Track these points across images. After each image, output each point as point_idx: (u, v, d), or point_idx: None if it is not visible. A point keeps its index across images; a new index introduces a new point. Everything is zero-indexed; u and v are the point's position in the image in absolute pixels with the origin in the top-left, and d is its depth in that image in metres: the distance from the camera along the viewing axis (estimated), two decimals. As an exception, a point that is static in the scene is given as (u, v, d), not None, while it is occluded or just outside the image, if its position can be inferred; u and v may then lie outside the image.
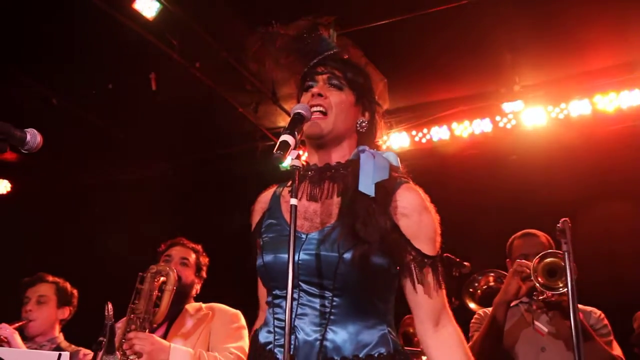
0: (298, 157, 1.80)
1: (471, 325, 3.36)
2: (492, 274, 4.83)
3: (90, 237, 6.68)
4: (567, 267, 2.64)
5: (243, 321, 3.38)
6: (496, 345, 3.09)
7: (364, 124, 2.06)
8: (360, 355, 1.83)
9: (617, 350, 3.12)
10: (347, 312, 1.87)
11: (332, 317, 1.86)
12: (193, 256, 3.48)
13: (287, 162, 1.84)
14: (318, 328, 1.86)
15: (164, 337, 3.23)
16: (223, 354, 3.17)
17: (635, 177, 5.18)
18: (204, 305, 3.43)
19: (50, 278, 4.06)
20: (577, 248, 3.00)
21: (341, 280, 1.84)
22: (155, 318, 3.17)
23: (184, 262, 3.43)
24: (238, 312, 3.43)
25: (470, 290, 4.83)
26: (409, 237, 1.90)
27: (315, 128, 1.96)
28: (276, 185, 2.17)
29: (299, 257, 1.87)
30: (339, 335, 1.85)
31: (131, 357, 2.99)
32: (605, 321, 3.21)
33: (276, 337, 1.90)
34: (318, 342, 1.84)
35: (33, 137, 1.90)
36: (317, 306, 1.87)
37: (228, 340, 3.26)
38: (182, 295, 3.34)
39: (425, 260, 1.90)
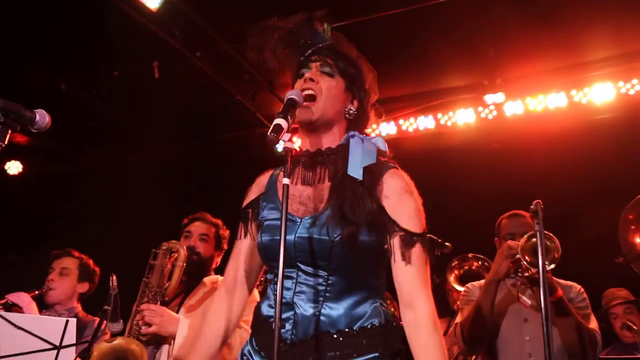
0: (290, 139, 1.81)
1: (460, 298, 3.44)
2: (475, 261, 4.87)
3: (96, 215, 6.66)
4: (539, 244, 2.66)
5: (256, 295, 3.34)
6: (487, 318, 3.13)
7: (351, 111, 2.06)
8: (354, 327, 1.87)
9: (593, 324, 3.16)
10: (342, 289, 1.89)
11: (327, 294, 1.89)
12: (213, 230, 3.47)
13: (281, 146, 1.88)
14: (315, 304, 1.89)
15: (179, 307, 3.24)
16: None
17: (603, 163, 5.24)
18: (220, 277, 3.40)
19: (77, 254, 4.14)
20: (556, 229, 3.08)
21: (335, 261, 1.86)
22: (167, 292, 3.20)
23: (203, 237, 3.42)
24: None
25: (452, 270, 4.87)
26: (393, 217, 1.91)
27: (306, 114, 1.97)
28: (273, 169, 2.18)
29: (294, 240, 1.90)
30: (335, 311, 1.88)
31: (142, 328, 3.03)
32: (584, 295, 3.26)
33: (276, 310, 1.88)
34: (315, 318, 1.88)
35: (42, 117, 1.91)
36: (314, 284, 1.90)
37: None
38: (201, 268, 3.38)
39: (414, 237, 1.90)
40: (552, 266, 2.94)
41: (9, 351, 2.76)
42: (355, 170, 1.91)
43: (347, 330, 1.87)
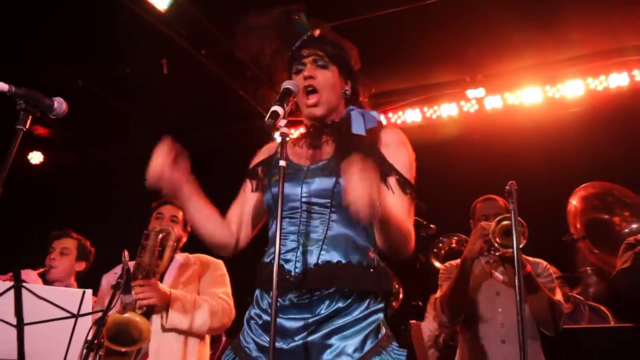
0: (286, 125, 1.83)
1: (440, 275, 3.45)
2: (454, 237, 4.92)
3: (109, 202, 6.67)
4: (513, 223, 2.66)
5: (224, 269, 3.40)
6: (463, 292, 3.17)
7: (347, 92, 2.11)
8: (352, 261, 1.90)
9: (558, 295, 3.20)
10: (340, 227, 1.93)
11: (329, 231, 1.92)
12: (181, 213, 3.42)
13: (277, 135, 1.87)
14: (317, 240, 1.92)
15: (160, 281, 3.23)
16: (214, 298, 3.20)
17: (572, 152, 5.27)
18: (190, 255, 3.42)
19: (75, 235, 4.11)
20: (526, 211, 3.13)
21: (337, 197, 1.89)
22: (158, 269, 3.19)
23: (174, 219, 3.40)
24: (220, 261, 3.43)
25: (435, 250, 4.92)
26: (392, 163, 1.98)
27: (318, 110, 2.05)
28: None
29: (301, 184, 1.96)
30: (333, 245, 1.91)
31: (139, 301, 3.02)
32: (550, 271, 3.30)
33: (281, 251, 1.91)
34: (317, 251, 1.91)
35: (59, 104, 1.96)
36: (317, 223, 1.93)
37: (215, 286, 3.28)
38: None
39: (406, 182, 1.97)
40: (520, 246, 2.92)
41: (31, 319, 2.78)
42: (359, 129, 2.00)
43: (344, 261, 1.90)
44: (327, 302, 1.86)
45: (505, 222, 3.04)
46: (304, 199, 1.94)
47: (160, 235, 3.23)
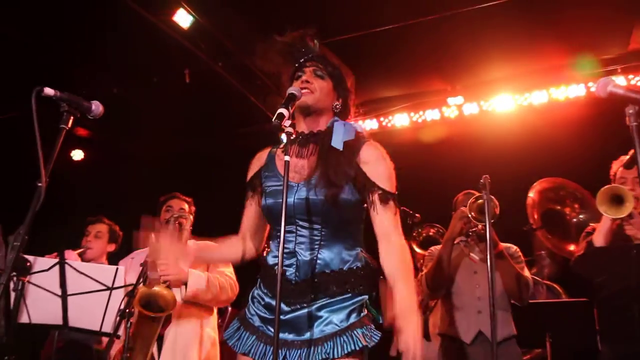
0: (291, 125, 1.86)
1: (425, 257, 3.48)
2: (433, 228, 4.94)
3: (137, 195, 6.68)
4: (486, 209, 2.79)
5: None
6: (445, 269, 3.21)
7: (338, 106, 2.09)
8: (344, 268, 1.92)
9: (526, 272, 3.24)
10: (332, 238, 1.93)
11: (322, 242, 1.92)
12: (186, 206, 3.47)
13: (283, 135, 1.90)
14: (312, 252, 1.92)
15: None
16: (222, 276, 3.25)
17: (537, 153, 5.27)
18: (197, 241, 3.37)
19: (106, 221, 4.21)
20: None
21: (325, 216, 1.90)
22: None
23: (182, 210, 3.44)
24: None
25: (414, 234, 4.94)
26: (373, 180, 1.95)
27: (306, 99, 2.00)
28: (270, 146, 2.21)
29: (294, 201, 1.92)
30: (327, 255, 1.92)
31: (162, 277, 3.06)
32: (519, 253, 3.34)
33: (283, 258, 1.93)
34: (313, 262, 1.91)
35: (97, 107, 1.99)
36: (310, 236, 1.93)
37: (221, 265, 3.32)
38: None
39: (388, 194, 1.95)
40: (493, 220, 2.93)
41: (73, 291, 2.85)
42: (337, 143, 1.95)
43: (338, 270, 1.91)
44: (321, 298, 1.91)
45: (480, 201, 3.08)
46: (297, 215, 1.93)
47: (179, 221, 3.26)
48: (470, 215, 3.10)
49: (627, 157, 2.86)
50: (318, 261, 1.91)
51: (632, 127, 1.74)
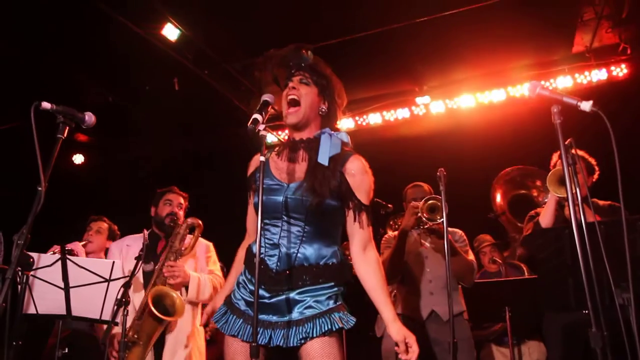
0: (265, 129, 1.87)
1: (382, 244, 3.45)
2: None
3: (135, 196, 6.68)
4: (443, 202, 2.78)
5: (214, 250, 3.43)
6: (401, 258, 3.23)
7: (323, 110, 2.09)
8: (320, 263, 1.96)
9: (471, 256, 3.28)
10: (313, 235, 1.97)
11: (304, 238, 1.96)
12: (182, 200, 3.43)
13: (270, 138, 1.95)
14: (294, 245, 1.95)
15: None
16: (214, 276, 3.28)
17: (498, 145, 5.33)
18: (205, 241, 3.40)
19: (106, 219, 4.23)
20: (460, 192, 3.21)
21: (309, 215, 1.95)
22: (184, 252, 3.22)
23: (180, 205, 3.41)
24: (210, 243, 3.43)
25: (391, 223, 5.01)
26: (354, 190, 1.99)
27: (292, 119, 2.04)
28: (267, 149, 2.23)
29: (285, 199, 1.96)
30: (308, 250, 1.95)
31: (169, 279, 3.10)
32: (464, 237, 3.37)
33: (266, 250, 1.98)
34: (294, 255, 1.95)
35: (89, 117, 2.03)
36: (295, 231, 1.96)
37: (210, 264, 3.33)
38: (176, 229, 3.30)
39: (362, 206, 2.00)
40: (442, 220, 2.91)
41: (75, 283, 2.89)
42: (323, 158, 1.98)
43: (315, 264, 1.94)
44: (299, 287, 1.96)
45: (430, 202, 3.13)
46: (284, 212, 1.96)
47: (189, 226, 3.25)
48: (423, 218, 3.13)
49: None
50: (299, 255, 1.94)
51: (557, 124, 1.84)
